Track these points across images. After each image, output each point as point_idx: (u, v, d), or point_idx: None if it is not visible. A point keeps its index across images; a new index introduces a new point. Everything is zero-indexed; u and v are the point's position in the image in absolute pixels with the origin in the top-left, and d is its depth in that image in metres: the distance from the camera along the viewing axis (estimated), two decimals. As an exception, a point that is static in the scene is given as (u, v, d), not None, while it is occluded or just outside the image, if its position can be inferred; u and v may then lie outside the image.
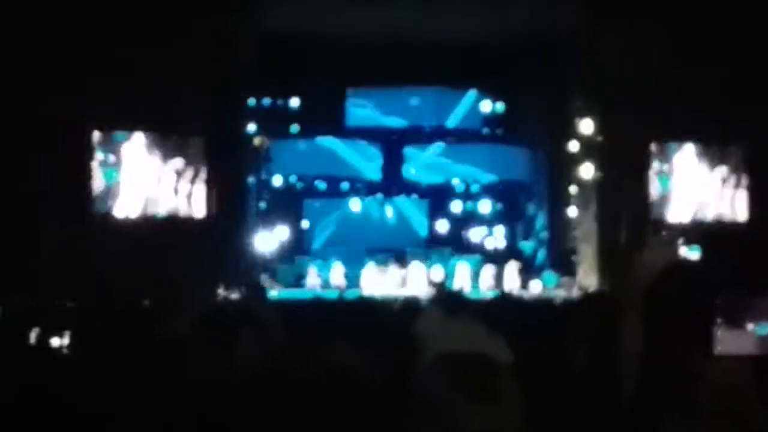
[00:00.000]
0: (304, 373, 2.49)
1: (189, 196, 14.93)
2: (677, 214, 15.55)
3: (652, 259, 13.68)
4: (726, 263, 11.80)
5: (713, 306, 3.08)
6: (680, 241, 15.20)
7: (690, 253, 15.08)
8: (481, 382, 2.52)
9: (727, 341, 3.03)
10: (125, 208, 14.80)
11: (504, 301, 10.59)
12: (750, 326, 3.08)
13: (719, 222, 15.50)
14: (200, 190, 14.96)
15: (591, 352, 6.78)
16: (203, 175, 14.97)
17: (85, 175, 14.68)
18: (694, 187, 15.64)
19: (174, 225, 14.84)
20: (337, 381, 2.48)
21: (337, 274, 18.96)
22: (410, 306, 8.19)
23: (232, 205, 16.20)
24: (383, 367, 3.23)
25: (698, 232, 15.40)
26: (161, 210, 14.88)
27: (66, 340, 6.00)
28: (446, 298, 7.44)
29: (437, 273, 18.95)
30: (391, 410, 2.46)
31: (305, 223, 21.21)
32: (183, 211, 14.89)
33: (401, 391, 2.55)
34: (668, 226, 15.52)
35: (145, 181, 14.90)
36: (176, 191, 14.88)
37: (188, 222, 14.93)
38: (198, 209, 14.92)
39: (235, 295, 14.12)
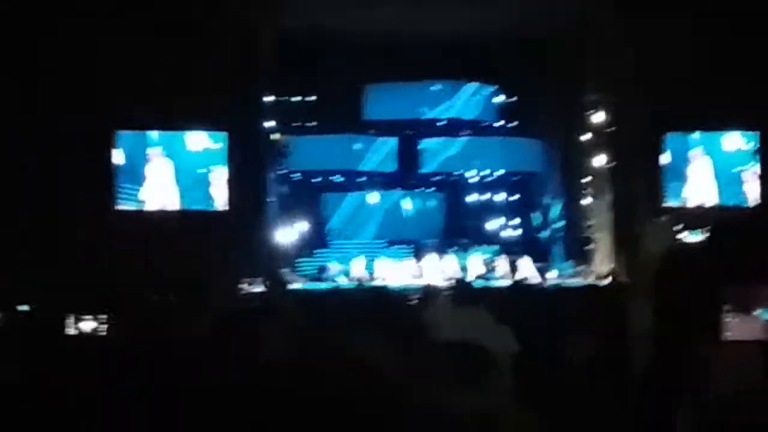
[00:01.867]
0: (323, 363, 2.67)
1: (211, 191, 15.18)
2: (687, 201, 15.68)
3: (661, 247, 13.82)
4: (734, 250, 11.93)
5: (721, 292, 3.16)
6: (688, 227, 15.32)
7: (698, 239, 15.18)
8: (479, 370, 2.74)
9: (735, 327, 3.09)
10: (147, 204, 15.07)
11: (517, 290, 10.83)
12: (757, 312, 3.14)
13: (729, 208, 15.59)
14: (222, 186, 15.20)
15: (601, 340, 6.98)
16: (225, 171, 15.21)
17: (108, 172, 14.94)
18: (705, 175, 15.75)
19: (196, 220, 15.05)
20: (352, 370, 2.65)
21: (357, 266, 19.17)
22: (428, 296, 8.39)
23: (253, 201, 16.46)
24: (395, 356, 3.44)
25: (707, 218, 15.48)
26: (183, 206, 15.14)
27: (95, 336, 6.14)
28: (459, 288, 7.60)
29: (453, 265, 19.14)
30: (400, 396, 2.53)
31: (324, 217, 21.46)
32: (205, 206, 15.15)
33: (408, 379, 2.63)
34: (678, 214, 15.63)
35: (167, 177, 15.16)
36: (198, 187, 15.14)
37: (210, 217, 15.15)
38: (220, 205, 15.16)
39: (257, 290, 14.36)
